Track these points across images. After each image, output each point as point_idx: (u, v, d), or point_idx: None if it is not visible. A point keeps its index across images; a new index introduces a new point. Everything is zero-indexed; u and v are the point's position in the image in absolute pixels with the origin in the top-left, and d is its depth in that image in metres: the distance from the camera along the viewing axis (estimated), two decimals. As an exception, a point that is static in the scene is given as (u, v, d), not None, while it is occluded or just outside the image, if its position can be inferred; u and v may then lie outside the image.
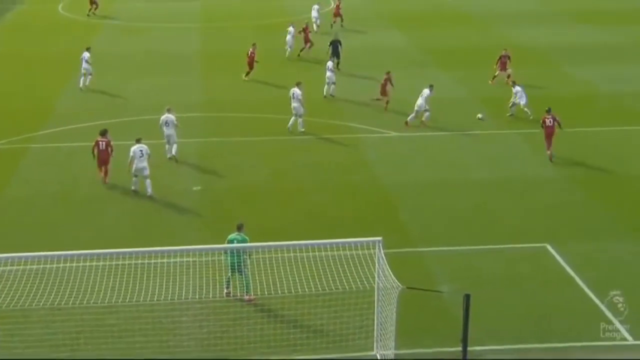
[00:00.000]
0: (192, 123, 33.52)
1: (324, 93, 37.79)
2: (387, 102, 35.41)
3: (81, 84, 39.29)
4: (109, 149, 27.66)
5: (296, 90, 32.67)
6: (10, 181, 28.29)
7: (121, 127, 31.59)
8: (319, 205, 26.32)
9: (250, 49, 40.84)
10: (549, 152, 29.78)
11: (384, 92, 35.54)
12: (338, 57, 41.63)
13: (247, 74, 40.71)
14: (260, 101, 37.40)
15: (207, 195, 27.18)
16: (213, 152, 31.16)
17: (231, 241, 19.97)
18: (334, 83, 37.92)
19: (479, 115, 31.39)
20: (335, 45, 42.15)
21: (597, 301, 20.29)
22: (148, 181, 26.78)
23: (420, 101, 33.30)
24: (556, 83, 38.59)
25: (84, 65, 39.30)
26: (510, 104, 34.36)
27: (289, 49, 45.65)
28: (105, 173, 27.79)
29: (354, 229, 23.33)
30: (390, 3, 61.07)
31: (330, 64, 38.55)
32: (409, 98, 35.52)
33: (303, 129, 32.64)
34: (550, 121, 29.77)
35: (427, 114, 33.42)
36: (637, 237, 23.95)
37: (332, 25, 52.64)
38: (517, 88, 34.41)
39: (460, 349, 16.22)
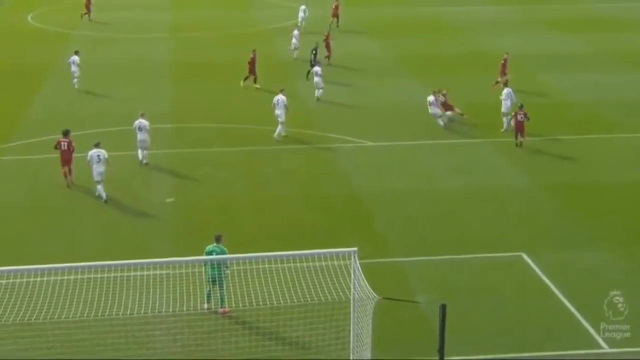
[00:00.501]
0: (164, 134, 33.42)
1: (316, 97, 38.63)
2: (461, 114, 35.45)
3: (76, 86, 40.53)
4: (71, 149, 27.98)
5: (281, 97, 32.96)
6: (-22, 194, 28.04)
7: (92, 138, 31.27)
8: (294, 215, 26.33)
9: (251, 55, 40.80)
10: (519, 140, 31.94)
11: (448, 108, 35.32)
12: (312, 66, 41.82)
13: (246, 79, 40.84)
14: (233, 111, 37.37)
15: (180, 206, 27.10)
16: (186, 163, 31.05)
17: (210, 253, 19.86)
18: (322, 88, 38.61)
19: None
20: (315, 52, 42.98)
21: (572, 309, 20.46)
22: (100, 186, 26.98)
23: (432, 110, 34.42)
24: (530, 91, 38.89)
25: (73, 68, 40.45)
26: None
27: (295, 51, 46.55)
28: (68, 173, 28.08)
29: (329, 240, 23.34)
30: (366, 10, 61.31)
31: (317, 69, 39.16)
32: (382, 105, 35.70)
33: (285, 134, 33.03)
34: (521, 117, 31.61)
35: (444, 117, 34.54)
36: (612, 245, 24.20)
37: (330, 25, 53.73)
38: (506, 90, 34.60)
39: (437, 359, 16.26)
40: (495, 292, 21.50)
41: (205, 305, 19.93)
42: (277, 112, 32.84)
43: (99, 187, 27.10)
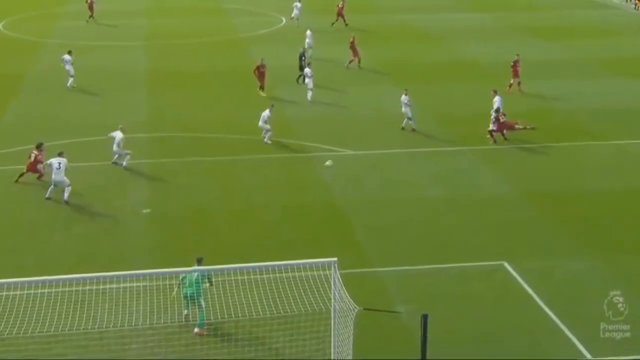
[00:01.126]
0: (139, 143, 33.28)
1: (309, 99, 39.59)
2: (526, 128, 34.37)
3: (68, 84, 41.86)
4: (37, 163, 29.09)
5: (266, 113, 33.64)
6: (-51, 206, 27.79)
7: (65, 148, 31.10)
8: (272, 225, 26.29)
9: (259, 63, 40.66)
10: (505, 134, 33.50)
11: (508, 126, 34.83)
12: (302, 69, 42.29)
13: (262, 88, 40.66)
14: (210, 120, 37.30)
15: (156, 217, 26.97)
16: (162, 173, 30.93)
17: (190, 275, 19.48)
18: (311, 89, 39.56)
19: (327, 162, 30.51)
20: (303, 56, 43.28)
21: (554, 317, 20.57)
22: (68, 188, 27.75)
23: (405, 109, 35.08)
24: (510, 98, 39.14)
25: (67, 67, 41.90)
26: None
27: (310, 50, 47.57)
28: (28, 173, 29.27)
29: (308, 250, 23.28)
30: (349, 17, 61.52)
31: (308, 70, 40.10)
32: (362, 113, 35.71)
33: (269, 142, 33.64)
34: (503, 117, 33.50)
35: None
36: (592, 252, 24.38)
37: (332, 24, 55.32)
38: (497, 97, 34.94)
39: (418, 369, 16.31)
40: (476, 301, 21.58)
41: (185, 312, 19.74)
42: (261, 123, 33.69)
43: (51, 188, 27.91)
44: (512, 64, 41.41)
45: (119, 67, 47.21)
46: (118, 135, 30.96)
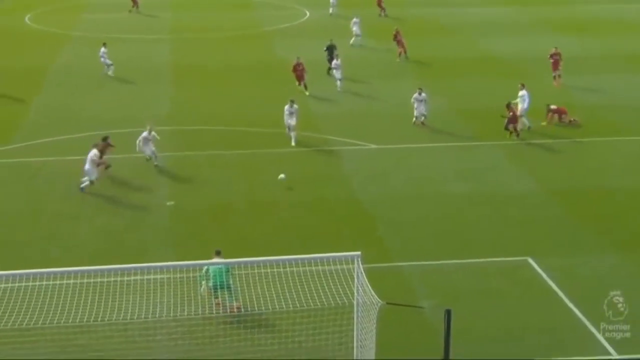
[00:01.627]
0: (163, 136, 33.45)
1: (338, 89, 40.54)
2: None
3: (109, 73, 43.34)
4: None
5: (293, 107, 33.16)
6: (-25, 197, 28.13)
7: (90, 141, 31.36)
8: (295, 219, 26.38)
9: (295, 62, 40.05)
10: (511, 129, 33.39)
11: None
12: (330, 62, 42.62)
13: (305, 86, 40.08)
14: (234, 114, 37.42)
15: (180, 210, 27.14)
16: (185, 165, 31.13)
17: (213, 269, 19.68)
18: (340, 79, 40.47)
19: (281, 176, 28.74)
20: (330, 49, 43.29)
21: (579, 314, 20.51)
22: (85, 178, 28.31)
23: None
24: (534, 93, 38.94)
25: (103, 59, 43.30)
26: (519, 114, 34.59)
27: (358, 38, 50.03)
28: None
29: (331, 244, 23.33)
30: (370, 12, 61.44)
31: (337, 62, 40.94)
32: (386, 107, 35.68)
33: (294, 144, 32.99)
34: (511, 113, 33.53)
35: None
36: (618, 250, 24.24)
37: (380, 15, 56.91)
38: (522, 92, 34.83)
39: (441, 364, 16.33)
40: (500, 297, 21.57)
41: (215, 300, 19.89)
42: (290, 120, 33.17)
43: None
44: (549, 56, 41.81)
45: (144, 60, 47.49)
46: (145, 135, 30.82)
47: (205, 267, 19.84)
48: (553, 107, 35.32)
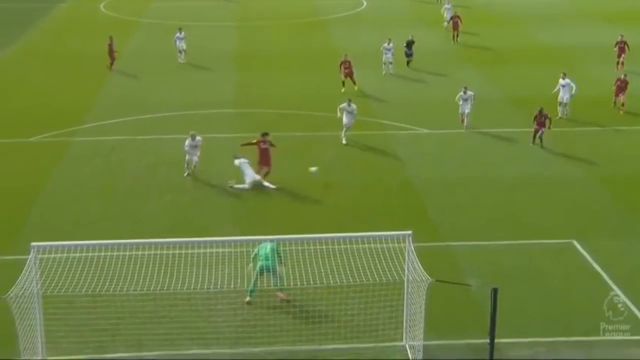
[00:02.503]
0: (226, 118, 33.86)
1: (383, 72, 41.10)
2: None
3: (181, 60, 43.46)
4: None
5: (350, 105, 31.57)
6: (53, 173, 28.77)
7: (157, 122, 31.95)
8: (350, 200, 26.42)
9: (343, 58, 38.37)
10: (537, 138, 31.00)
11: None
12: (411, 56, 42.69)
13: (353, 82, 38.36)
14: (293, 98, 37.56)
15: (239, 189, 27.38)
16: (248, 147, 31.31)
17: (263, 247, 19.71)
18: (390, 63, 41.22)
19: (312, 169, 27.11)
20: (409, 45, 42.91)
21: (622, 296, 20.23)
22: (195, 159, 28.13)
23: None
24: (584, 83, 38.26)
25: (179, 42, 43.56)
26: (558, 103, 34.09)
27: (446, 24, 50.87)
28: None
29: (383, 224, 23.44)
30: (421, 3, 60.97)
31: (385, 44, 41.31)
32: (438, 94, 35.40)
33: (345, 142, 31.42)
34: (542, 119, 30.92)
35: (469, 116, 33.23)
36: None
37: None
38: (564, 81, 34.20)
39: (487, 340, 16.29)
40: (545, 278, 21.38)
41: (247, 299, 19.80)
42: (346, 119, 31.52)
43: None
44: (616, 43, 41.82)
45: (211, 46, 47.87)
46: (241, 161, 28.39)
47: (256, 250, 19.90)
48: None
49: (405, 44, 43.14)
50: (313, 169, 27.23)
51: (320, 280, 19.39)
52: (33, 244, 17.18)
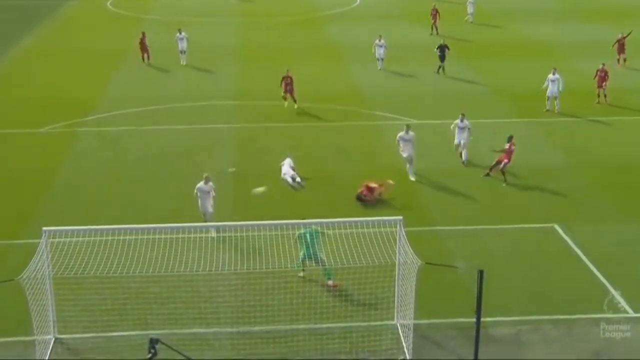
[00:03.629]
0: (227, 110, 33.82)
1: (379, 68, 40.37)
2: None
3: (182, 62, 42.03)
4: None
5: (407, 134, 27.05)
6: (62, 161, 28.78)
7: (162, 114, 31.87)
8: (345, 187, 26.41)
9: (285, 74, 34.35)
10: (494, 171, 26.85)
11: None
12: (443, 60, 39.94)
13: (294, 99, 34.32)
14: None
15: (240, 176, 27.42)
16: (246, 136, 31.40)
17: (304, 234, 19.68)
18: (382, 59, 40.35)
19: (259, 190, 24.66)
20: (442, 49, 39.99)
21: (600, 277, 20.36)
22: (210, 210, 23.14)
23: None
24: (569, 77, 38.27)
25: (180, 45, 42.01)
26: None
27: (471, 14, 52.20)
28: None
29: (376, 209, 23.49)
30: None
31: (377, 41, 40.55)
32: (428, 87, 35.26)
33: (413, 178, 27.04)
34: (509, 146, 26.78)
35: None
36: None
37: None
38: (553, 76, 33.91)
39: (474, 319, 16.38)
40: (528, 260, 21.48)
41: (301, 273, 19.97)
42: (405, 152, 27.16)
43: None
44: (616, 40, 41.04)
45: (212, 41, 47.76)
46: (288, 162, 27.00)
47: (298, 233, 19.76)
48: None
49: (437, 47, 40.13)
50: (259, 189, 24.61)
51: (316, 263, 19.48)
52: (45, 228, 17.24)
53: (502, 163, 26.59)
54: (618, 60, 40.98)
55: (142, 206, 24.97)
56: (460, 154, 28.54)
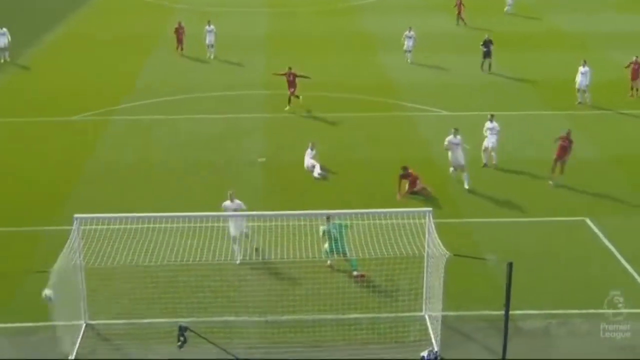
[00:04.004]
0: (257, 100, 33.79)
1: (408, 61, 40.10)
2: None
3: (209, 55, 41.40)
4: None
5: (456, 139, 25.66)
6: (94, 149, 28.96)
7: (192, 103, 31.91)
8: (374, 178, 26.27)
9: (286, 71, 32.60)
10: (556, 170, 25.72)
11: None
12: (489, 56, 38.47)
13: (296, 96, 32.70)
14: (322, 80, 37.31)
15: (271, 166, 27.40)
16: (277, 126, 31.36)
17: (328, 231, 19.56)
18: (410, 51, 39.99)
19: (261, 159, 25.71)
20: (487, 45, 38.55)
21: (632, 271, 20.04)
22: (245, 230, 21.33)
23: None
24: (600, 68, 37.71)
25: (208, 38, 41.23)
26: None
27: (509, 6, 52.17)
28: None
29: (406, 201, 23.31)
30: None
31: (407, 32, 40.15)
32: (458, 78, 34.98)
33: (467, 187, 25.43)
34: (565, 142, 25.68)
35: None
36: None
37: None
38: (583, 69, 33.43)
39: (502, 312, 16.20)
40: (558, 253, 21.19)
41: (329, 262, 19.96)
42: (456, 159, 25.71)
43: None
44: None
45: (243, 31, 47.76)
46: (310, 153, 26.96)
47: (322, 228, 19.66)
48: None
49: (482, 43, 38.67)
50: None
51: (345, 253, 19.40)
52: (76, 215, 17.33)
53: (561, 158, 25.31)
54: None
55: (172, 195, 25.01)
56: (490, 157, 27.24)
